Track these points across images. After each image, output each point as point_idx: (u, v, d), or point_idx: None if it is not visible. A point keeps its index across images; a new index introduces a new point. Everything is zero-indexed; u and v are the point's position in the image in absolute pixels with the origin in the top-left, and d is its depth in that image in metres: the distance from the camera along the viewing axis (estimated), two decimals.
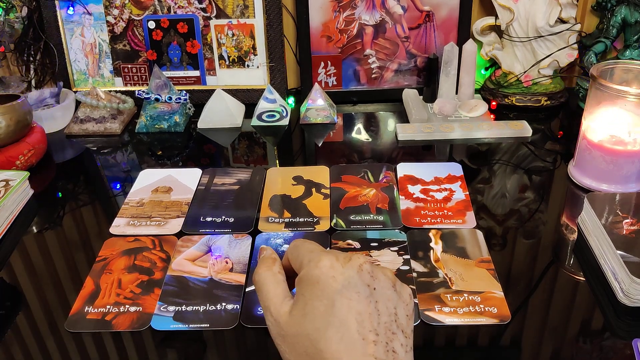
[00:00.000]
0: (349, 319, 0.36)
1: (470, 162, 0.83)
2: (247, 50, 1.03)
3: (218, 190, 0.77)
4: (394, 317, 0.38)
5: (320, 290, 0.37)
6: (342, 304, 0.37)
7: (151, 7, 1.01)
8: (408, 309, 0.39)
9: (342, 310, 0.36)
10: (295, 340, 0.37)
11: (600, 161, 0.72)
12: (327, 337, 0.36)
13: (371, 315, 0.37)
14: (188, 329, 0.55)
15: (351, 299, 0.37)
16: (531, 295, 0.58)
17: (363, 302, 0.37)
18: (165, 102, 0.96)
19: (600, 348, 0.51)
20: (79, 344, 0.54)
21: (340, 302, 0.37)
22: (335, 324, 0.36)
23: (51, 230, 0.72)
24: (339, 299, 0.37)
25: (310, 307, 0.37)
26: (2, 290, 0.62)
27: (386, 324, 0.37)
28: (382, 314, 0.37)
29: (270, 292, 0.40)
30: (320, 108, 0.97)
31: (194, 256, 0.65)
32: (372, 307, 0.37)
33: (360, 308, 0.37)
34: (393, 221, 0.69)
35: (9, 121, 0.80)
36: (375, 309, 0.37)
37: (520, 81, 0.99)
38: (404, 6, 0.99)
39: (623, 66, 0.73)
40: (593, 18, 1.00)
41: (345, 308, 0.37)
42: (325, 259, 0.39)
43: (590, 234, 0.63)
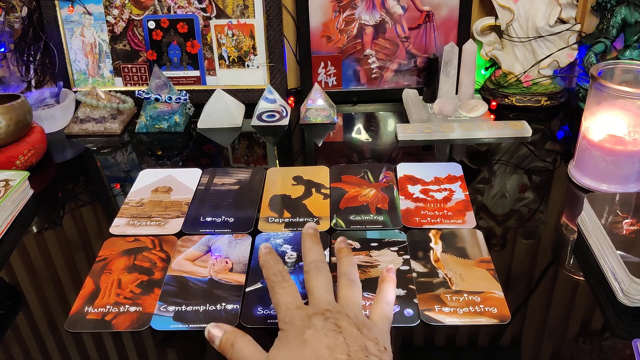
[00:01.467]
0: (320, 350, 0.43)
1: (470, 162, 0.83)
2: (247, 50, 1.03)
3: (218, 190, 0.77)
4: (364, 349, 0.43)
5: (293, 336, 0.45)
6: (312, 339, 0.44)
7: (151, 7, 1.01)
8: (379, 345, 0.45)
9: (314, 344, 0.43)
10: None
11: (600, 161, 0.72)
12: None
13: (340, 346, 0.43)
14: (188, 329, 0.55)
15: (320, 337, 0.44)
16: (531, 295, 0.58)
17: (331, 337, 0.44)
18: (165, 102, 0.96)
19: (600, 348, 0.51)
20: (79, 344, 0.54)
21: (310, 338, 0.44)
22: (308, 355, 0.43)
23: (51, 230, 0.72)
24: (309, 338, 0.44)
25: (286, 349, 0.44)
26: (2, 290, 0.62)
27: (357, 351, 0.43)
28: (352, 345, 0.43)
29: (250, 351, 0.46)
30: (320, 108, 0.97)
31: (194, 256, 0.65)
32: (340, 340, 0.43)
33: (329, 342, 0.43)
34: (393, 221, 0.69)
35: (9, 121, 0.80)
36: (345, 342, 0.43)
37: (520, 81, 0.99)
38: (404, 6, 0.99)
39: (623, 66, 0.73)
40: (593, 18, 1.00)
41: (316, 342, 0.43)
42: (297, 314, 0.46)
43: (590, 234, 0.63)
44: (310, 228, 0.57)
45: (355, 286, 0.52)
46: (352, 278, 0.52)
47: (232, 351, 0.46)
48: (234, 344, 0.47)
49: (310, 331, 0.44)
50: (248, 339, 0.47)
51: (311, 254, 0.54)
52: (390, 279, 0.54)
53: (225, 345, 0.47)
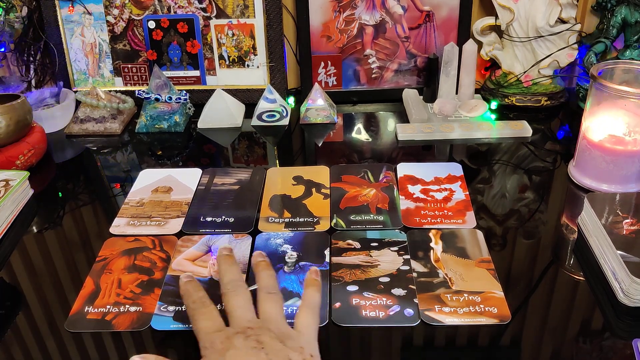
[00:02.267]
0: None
1: (470, 162, 0.83)
2: (247, 50, 1.03)
3: (218, 190, 0.77)
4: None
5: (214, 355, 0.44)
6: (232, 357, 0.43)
7: (151, 7, 1.01)
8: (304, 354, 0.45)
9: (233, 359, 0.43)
10: None
11: (600, 161, 0.72)
12: None
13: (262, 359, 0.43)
14: (188, 329, 0.55)
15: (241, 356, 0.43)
16: (531, 295, 0.58)
17: (252, 354, 0.43)
18: (165, 102, 0.96)
19: (600, 348, 0.51)
20: (79, 344, 0.54)
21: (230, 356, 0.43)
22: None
23: (51, 230, 0.72)
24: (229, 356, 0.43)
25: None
26: (2, 290, 0.62)
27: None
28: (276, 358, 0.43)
29: None
30: (320, 108, 0.97)
31: (194, 256, 0.65)
32: (262, 356, 0.43)
33: (250, 357, 0.43)
34: (393, 221, 0.69)
35: (9, 121, 0.80)
36: (267, 358, 0.43)
37: (520, 81, 0.99)
38: (404, 6, 0.99)
39: (623, 66, 0.73)
40: (593, 18, 1.00)
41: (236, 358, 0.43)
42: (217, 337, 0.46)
43: (590, 234, 0.63)
44: (224, 249, 0.56)
45: (274, 298, 0.50)
46: (271, 290, 0.51)
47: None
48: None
49: (231, 352, 0.44)
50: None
51: (227, 275, 0.53)
52: (314, 282, 0.53)
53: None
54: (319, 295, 0.52)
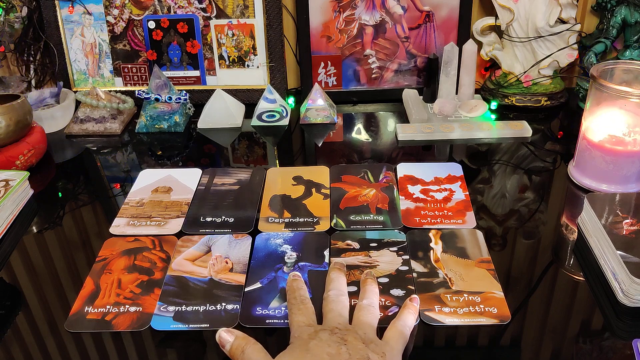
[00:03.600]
0: (322, 356, 0.45)
1: (470, 162, 0.83)
2: (247, 50, 1.03)
3: (218, 190, 0.77)
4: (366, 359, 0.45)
5: (298, 346, 0.47)
6: (315, 347, 0.46)
7: (151, 7, 1.01)
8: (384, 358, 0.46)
9: (316, 351, 0.45)
10: None
11: (600, 161, 0.72)
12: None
13: (342, 354, 0.45)
14: (188, 329, 0.55)
15: (323, 346, 0.46)
16: (531, 296, 0.58)
17: (334, 347, 0.46)
18: (165, 102, 0.96)
19: (600, 348, 0.51)
20: (79, 344, 0.54)
21: (314, 347, 0.46)
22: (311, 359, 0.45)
23: (51, 230, 0.72)
24: (313, 347, 0.46)
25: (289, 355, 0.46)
26: (2, 290, 0.62)
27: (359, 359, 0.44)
28: (353, 355, 0.45)
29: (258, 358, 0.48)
30: (320, 108, 0.97)
31: (194, 256, 0.65)
32: (343, 350, 0.45)
33: (331, 350, 0.45)
34: (393, 221, 0.69)
35: (9, 121, 0.80)
36: (347, 351, 0.45)
37: (520, 81, 0.99)
38: (404, 6, 0.99)
39: (623, 66, 0.73)
40: (593, 18, 1.00)
41: (319, 350, 0.45)
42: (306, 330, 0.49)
43: (590, 234, 0.63)
44: (338, 263, 0.60)
45: (371, 311, 0.53)
46: (371, 303, 0.54)
47: (242, 357, 0.48)
48: (244, 350, 0.48)
49: (314, 341, 0.47)
50: (258, 347, 0.48)
51: (334, 284, 0.56)
52: (412, 307, 0.54)
53: (235, 351, 0.48)
54: (414, 319, 0.53)
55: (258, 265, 0.63)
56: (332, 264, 0.60)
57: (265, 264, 0.63)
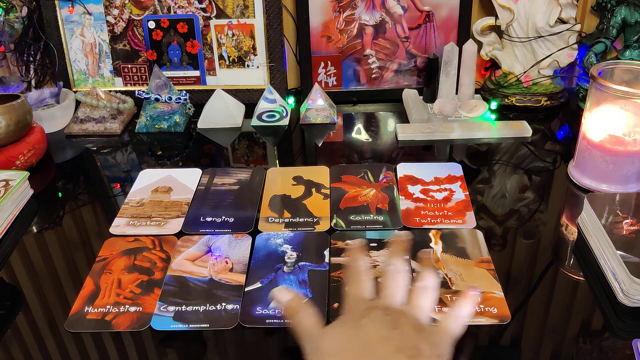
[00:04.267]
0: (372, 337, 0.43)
1: (470, 162, 0.83)
2: (247, 50, 1.03)
3: (218, 190, 0.77)
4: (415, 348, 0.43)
5: (350, 320, 0.46)
6: (366, 326, 0.44)
7: (151, 7, 1.01)
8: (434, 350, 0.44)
9: (367, 330, 0.44)
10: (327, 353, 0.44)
11: (600, 161, 0.72)
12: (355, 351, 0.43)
13: (393, 339, 0.43)
14: (188, 329, 0.55)
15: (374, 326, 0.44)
16: (531, 296, 0.58)
17: (385, 329, 0.44)
18: (165, 102, 0.96)
19: (600, 348, 0.51)
20: (79, 344, 0.54)
21: (365, 325, 0.44)
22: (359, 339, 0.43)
23: (51, 230, 0.72)
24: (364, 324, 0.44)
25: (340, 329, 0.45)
26: (2, 290, 0.62)
27: (407, 348, 0.43)
28: (404, 341, 0.43)
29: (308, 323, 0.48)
30: (320, 108, 0.97)
31: (194, 256, 0.65)
32: (394, 334, 0.44)
33: (382, 332, 0.44)
34: (393, 221, 0.69)
35: (9, 121, 0.80)
36: (398, 337, 0.43)
37: (520, 81, 0.99)
38: (404, 6, 0.99)
39: (623, 66, 0.73)
40: (593, 18, 1.00)
41: (370, 329, 0.44)
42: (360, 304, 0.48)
43: (590, 234, 0.63)
44: (402, 236, 0.57)
45: (430, 294, 0.50)
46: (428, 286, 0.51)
47: (294, 319, 0.48)
48: (298, 313, 0.48)
49: (365, 320, 0.45)
50: (311, 312, 0.49)
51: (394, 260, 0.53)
52: (469, 297, 0.51)
53: (289, 311, 0.49)
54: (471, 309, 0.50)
55: (258, 265, 0.63)
56: (397, 235, 0.57)
57: (265, 264, 0.63)
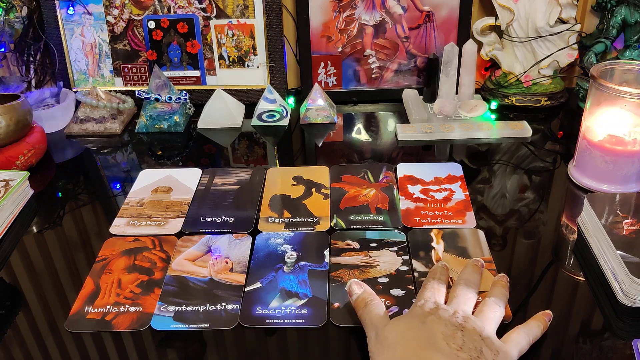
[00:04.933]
0: (436, 334, 0.45)
1: (470, 162, 0.83)
2: (247, 50, 1.03)
3: (218, 190, 0.77)
4: (478, 351, 0.44)
5: (417, 315, 0.48)
6: (432, 323, 0.46)
7: (151, 7, 1.01)
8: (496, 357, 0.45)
9: (432, 327, 0.46)
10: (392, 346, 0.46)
11: (600, 161, 0.72)
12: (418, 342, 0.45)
13: (457, 338, 0.45)
14: (188, 329, 0.55)
15: (440, 324, 0.46)
16: (531, 296, 0.58)
17: (450, 329, 0.46)
18: (165, 102, 0.96)
19: (600, 348, 0.51)
20: (79, 344, 0.54)
21: (430, 322, 0.46)
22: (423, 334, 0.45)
23: (51, 230, 0.72)
24: (430, 321, 0.46)
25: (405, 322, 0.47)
26: (2, 290, 0.62)
27: (471, 349, 0.44)
28: (468, 343, 0.45)
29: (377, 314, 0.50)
30: (320, 108, 0.97)
31: (194, 256, 0.65)
32: (458, 334, 0.45)
33: (447, 331, 0.45)
34: (393, 221, 0.69)
35: (9, 121, 0.80)
36: (462, 337, 0.45)
37: (520, 81, 0.99)
38: (404, 6, 0.99)
39: (623, 66, 0.73)
40: (593, 18, 1.00)
41: (435, 327, 0.46)
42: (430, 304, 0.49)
43: (590, 234, 0.63)
44: (478, 261, 0.58)
45: (497, 309, 0.51)
46: (498, 302, 0.52)
47: (364, 309, 0.51)
48: (368, 304, 0.51)
49: (433, 317, 0.47)
50: (380, 304, 0.51)
51: (468, 275, 0.55)
52: (542, 320, 0.52)
53: (360, 302, 0.52)
54: (540, 332, 0.51)
55: (258, 265, 0.63)
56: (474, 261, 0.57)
57: (265, 264, 0.63)
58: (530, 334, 0.50)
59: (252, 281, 0.60)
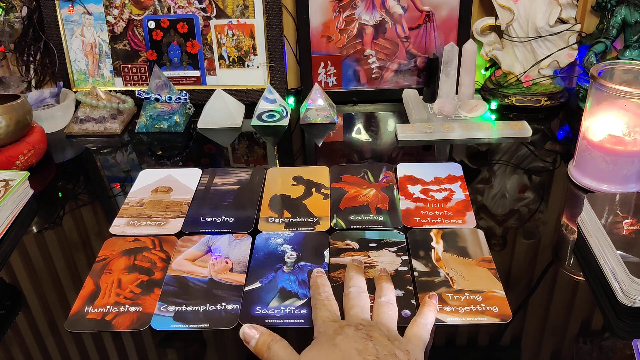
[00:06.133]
0: (349, 352, 0.45)
1: (470, 162, 0.83)
2: (247, 50, 1.03)
3: (218, 190, 0.77)
4: (393, 356, 0.45)
5: (325, 341, 0.47)
6: (342, 343, 0.46)
7: (151, 7, 1.01)
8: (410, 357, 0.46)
9: (343, 346, 0.45)
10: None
11: (600, 161, 0.72)
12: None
13: (370, 349, 0.45)
14: (188, 329, 0.55)
15: (349, 341, 0.46)
16: (531, 295, 0.58)
17: (360, 342, 0.46)
18: (165, 102, 0.96)
19: (600, 348, 0.51)
20: (79, 344, 0.54)
21: (341, 342, 0.46)
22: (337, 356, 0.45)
23: (51, 230, 0.72)
24: (340, 342, 0.46)
25: (317, 350, 0.46)
26: (2, 290, 0.62)
27: (386, 356, 0.44)
28: (381, 350, 0.45)
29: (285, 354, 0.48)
30: (320, 108, 0.97)
31: (194, 256, 0.65)
32: (370, 345, 0.45)
33: (359, 346, 0.45)
34: (393, 221, 0.69)
35: (9, 121, 0.80)
36: (374, 347, 0.45)
37: (520, 81, 0.99)
38: (404, 6, 0.99)
39: (623, 66, 0.73)
40: (593, 18, 1.00)
41: (346, 345, 0.45)
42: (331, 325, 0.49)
43: (590, 234, 0.63)
44: (356, 261, 0.60)
45: (391, 308, 0.53)
46: (389, 300, 0.54)
47: (269, 353, 0.48)
48: (271, 347, 0.48)
49: (341, 337, 0.47)
50: (284, 343, 0.49)
51: (354, 281, 0.56)
52: (431, 304, 0.54)
53: (261, 347, 0.49)
54: (434, 316, 0.53)
55: (258, 265, 0.63)
56: (351, 260, 0.60)
57: (265, 264, 0.63)
58: (427, 323, 0.52)
59: (252, 281, 0.60)
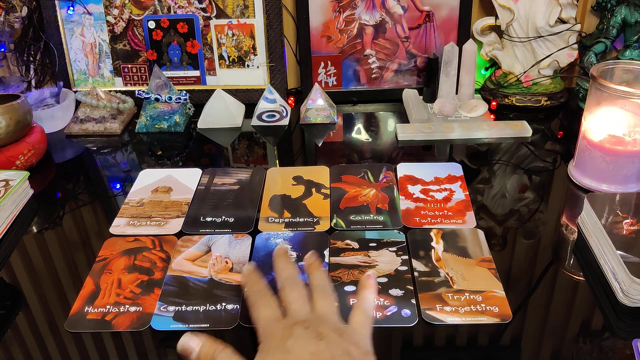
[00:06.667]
0: (304, 356, 0.43)
1: (470, 162, 0.83)
2: (247, 50, 1.03)
3: (218, 190, 0.77)
4: (347, 353, 0.44)
5: (275, 347, 0.45)
6: (295, 347, 0.44)
7: (151, 7, 1.01)
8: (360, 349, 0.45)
9: (297, 351, 0.43)
10: None
11: (600, 161, 0.72)
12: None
13: (324, 351, 0.43)
14: (188, 329, 0.55)
15: (302, 344, 0.44)
16: (531, 295, 0.58)
17: (313, 344, 0.44)
18: (165, 102, 0.96)
19: (600, 348, 0.51)
20: (79, 344, 0.54)
21: (293, 347, 0.44)
22: None
23: (51, 230, 0.72)
24: (291, 346, 0.44)
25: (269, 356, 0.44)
26: (2, 290, 0.62)
27: (340, 356, 0.43)
28: (335, 350, 0.44)
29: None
30: (320, 108, 0.97)
31: (194, 256, 0.65)
32: (323, 346, 0.44)
33: (312, 348, 0.43)
34: (393, 221, 0.69)
35: (9, 121, 0.80)
36: (327, 348, 0.44)
37: (520, 81, 0.99)
38: (404, 6, 0.99)
39: (623, 66, 0.73)
40: (593, 18, 1.00)
41: (299, 350, 0.43)
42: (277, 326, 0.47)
43: (590, 234, 0.63)
44: (280, 249, 0.58)
45: (328, 296, 0.52)
46: (325, 290, 0.52)
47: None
48: (215, 358, 0.45)
49: (291, 340, 0.44)
50: (227, 350, 0.45)
51: (284, 271, 0.54)
52: (369, 285, 0.53)
53: (205, 358, 0.45)
54: (374, 297, 0.53)
55: (258, 265, 0.62)
56: (276, 249, 0.58)
57: (265, 264, 0.63)
58: (369, 307, 0.51)
59: None
